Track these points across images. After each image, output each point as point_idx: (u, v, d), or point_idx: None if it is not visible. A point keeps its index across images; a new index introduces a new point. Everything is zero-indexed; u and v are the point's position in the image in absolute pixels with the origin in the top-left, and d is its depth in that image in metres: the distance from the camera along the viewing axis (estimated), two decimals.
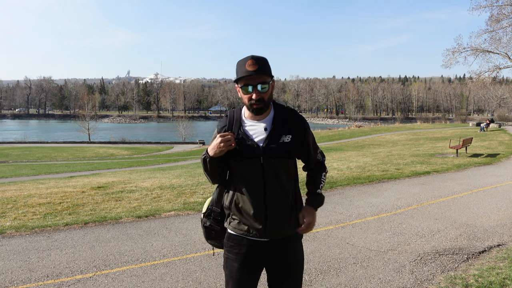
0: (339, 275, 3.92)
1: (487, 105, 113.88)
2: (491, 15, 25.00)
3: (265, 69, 1.83)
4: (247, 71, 1.80)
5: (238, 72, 1.85)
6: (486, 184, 9.13)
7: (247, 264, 1.95)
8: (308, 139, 1.99)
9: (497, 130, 36.07)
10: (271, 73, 1.88)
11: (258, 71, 1.80)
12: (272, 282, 2.05)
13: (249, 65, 1.80)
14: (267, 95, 1.86)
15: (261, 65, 1.82)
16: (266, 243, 1.95)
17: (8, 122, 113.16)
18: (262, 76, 1.82)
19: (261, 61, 1.83)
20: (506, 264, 4.16)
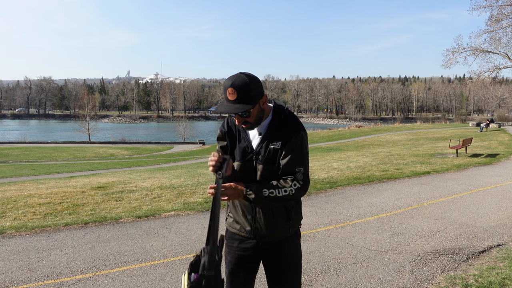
0: (339, 275, 3.92)
1: (487, 105, 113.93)
2: (491, 15, 25.03)
3: (245, 97, 1.75)
4: (227, 99, 1.77)
5: (223, 95, 1.83)
6: (486, 184, 9.13)
7: (241, 258, 2.00)
8: (290, 146, 1.86)
9: (497, 130, 36.08)
10: (254, 99, 1.78)
11: (237, 101, 1.75)
12: (270, 282, 2.07)
13: (229, 94, 1.76)
14: (252, 118, 1.84)
15: (241, 94, 1.75)
16: (258, 243, 1.98)
17: (8, 122, 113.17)
18: (241, 105, 1.75)
19: (241, 89, 1.75)
20: (506, 264, 4.16)
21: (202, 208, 6.68)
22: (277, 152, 1.87)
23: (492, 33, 25.68)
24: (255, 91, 1.78)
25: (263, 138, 1.90)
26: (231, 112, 1.77)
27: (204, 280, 1.44)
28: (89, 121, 53.43)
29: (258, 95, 1.81)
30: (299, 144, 1.87)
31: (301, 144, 1.87)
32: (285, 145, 1.85)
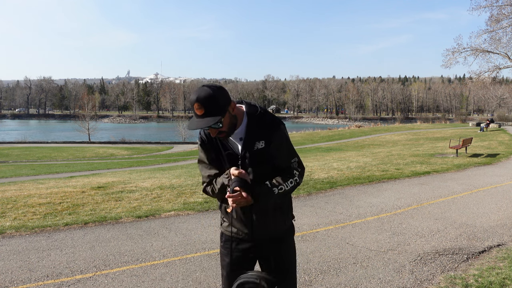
0: (339, 275, 3.92)
1: (487, 105, 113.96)
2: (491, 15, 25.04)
3: (213, 109, 1.75)
4: (196, 115, 1.79)
5: (191, 111, 1.84)
6: (486, 184, 9.13)
7: (239, 258, 2.03)
8: (277, 143, 1.92)
9: (497, 130, 36.08)
10: (222, 108, 1.78)
11: (205, 114, 1.75)
12: None
13: (196, 109, 1.76)
14: (226, 126, 1.83)
15: (208, 108, 1.75)
16: (254, 244, 2.01)
17: (8, 122, 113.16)
18: (211, 118, 1.75)
19: (207, 102, 1.75)
20: (506, 264, 4.16)
21: (202, 208, 6.68)
22: (263, 151, 1.90)
23: (492, 33, 25.69)
24: (222, 101, 1.77)
25: (245, 142, 1.90)
26: (202, 127, 1.76)
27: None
28: (89, 121, 53.44)
29: (226, 103, 1.80)
30: (284, 138, 1.95)
31: (286, 137, 1.97)
32: (270, 143, 1.90)
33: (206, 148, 1.97)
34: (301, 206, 6.89)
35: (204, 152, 1.98)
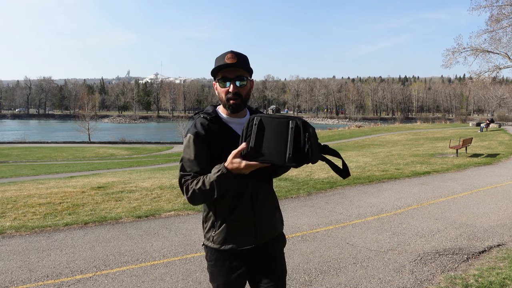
0: (339, 275, 3.91)
1: (487, 105, 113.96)
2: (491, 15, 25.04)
3: (244, 63, 1.79)
4: (225, 63, 1.76)
5: (216, 65, 1.79)
6: (486, 184, 9.13)
7: (235, 275, 1.87)
8: None
9: (497, 130, 36.08)
10: (250, 70, 1.83)
11: (236, 64, 1.75)
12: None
13: (228, 58, 1.75)
14: (245, 91, 1.81)
15: (240, 60, 1.78)
16: (253, 249, 1.87)
17: (8, 122, 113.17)
18: (240, 70, 1.77)
19: (240, 56, 1.80)
20: (506, 264, 4.16)
21: (202, 208, 6.67)
22: None
23: (492, 33, 25.70)
24: (250, 66, 1.84)
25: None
26: (232, 72, 1.76)
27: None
28: (89, 121, 53.45)
29: (251, 72, 1.86)
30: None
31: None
32: None
33: (201, 142, 1.75)
34: (301, 206, 6.89)
35: (195, 149, 1.75)
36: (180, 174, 1.78)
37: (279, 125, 1.57)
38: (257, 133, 1.56)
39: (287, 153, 1.52)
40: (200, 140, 1.76)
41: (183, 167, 1.78)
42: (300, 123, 1.57)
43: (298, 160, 1.54)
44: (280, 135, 1.55)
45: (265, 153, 1.55)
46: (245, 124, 1.60)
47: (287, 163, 1.52)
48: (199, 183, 1.69)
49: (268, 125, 1.58)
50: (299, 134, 1.54)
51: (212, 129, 1.78)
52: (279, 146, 1.54)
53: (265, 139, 1.56)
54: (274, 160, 1.54)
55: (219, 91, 1.81)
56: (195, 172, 1.74)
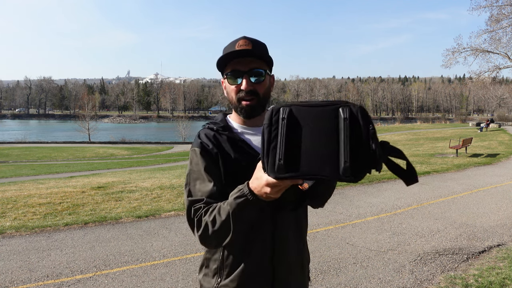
0: (339, 275, 3.92)
1: (487, 105, 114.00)
2: (491, 15, 25.02)
3: (262, 52, 1.33)
4: (236, 51, 1.30)
5: (224, 54, 1.33)
6: (486, 184, 9.13)
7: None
8: None
9: (497, 130, 36.09)
10: (270, 60, 1.35)
11: (251, 53, 1.29)
12: None
13: (240, 45, 1.30)
14: (263, 88, 1.33)
15: (257, 47, 1.32)
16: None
17: (8, 122, 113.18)
18: (257, 60, 1.31)
19: (257, 42, 1.34)
20: (506, 264, 4.16)
21: None
22: None
23: (492, 33, 25.68)
24: (270, 58, 1.35)
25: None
26: (246, 63, 1.29)
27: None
28: (89, 121, 53.44)
29: (271, 63, 1.37)
30: None
31: None
32: None
33: (210, 157, 1.30)
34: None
35: (205, 163, 1.29)
36: (188, 202, 1.25)
37: (322, 117, 0.96)
38: (287, 133, 0.95)
39: (342, 160, 0.91)
40: (208, 153, 1.30)
41: (190, 192, 1.27)
42: (357, 110, 0.95)
43: (360, 169, 0.92)
44: (325, 132, 0.95)
45: (303, 163, 0.94)
46: (266, 119, 0.98)
47: (342, 175, 0.91)
48: (213, 212, 1.16)
49: (305, 118, 0.97)
50: (358, 128, 0.93)
51: (220, 143, 1.32)
52: (326, 149, 0.94)
53: (302, 141, 0.96)
54: (319, 174, 0.93)
55: (228, 90, 1.35)
56: (209, 197, 1.23)
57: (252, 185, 1.06)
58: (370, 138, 0.93)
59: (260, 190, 1.03)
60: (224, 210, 1.13)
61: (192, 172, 1.30)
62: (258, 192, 1.04)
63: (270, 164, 0.94)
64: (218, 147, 1.32)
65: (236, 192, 1.10)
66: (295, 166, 0.92)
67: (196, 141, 1.36)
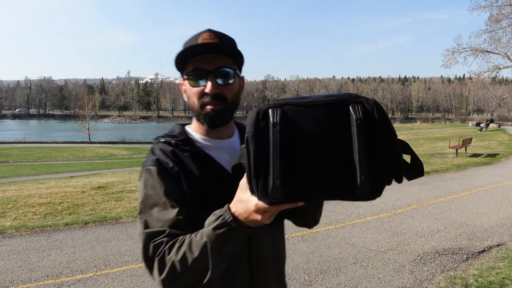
0: (339, 275, 3.92)
1: (487, 105, 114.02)
2: (490, 16, 25.02)
3: (230, 48, 1.08)
4: (199, 45, 1.05)
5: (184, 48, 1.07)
6: (486, 184, 9.14)
7: None
8: None
9: (497, 130, 36.11)
10: (240, 59, 1.11)
11: (217, 48, 1.05)
12: None
13: (205, 39, 1.07)
14: (232, 92, 1.08)
15: (224, 41, 1.09)
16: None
17: (8, 122, 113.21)
18: (224, 58, 1.06)
19: (224, 36, 1.11)
20: (505, 264, 4.17)
21: None
22: None
23: (491, 33, 25.67)
24: (240, 53, 1.10)
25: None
26: (210, 60, 1.05)
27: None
28: (89, 121, 53.44)
29: (241, 62, 1.13)
30: None
31: None
32: None
33: (170, 177, 1.03)
34: None
35: (164, 184, 1.01)
36: (144, 236, 0.96)
37: (327, 118, 0.72)
38: (281, 144, 0.70)
39: (357, 174, 0.69)
40: (168, 173, 1.04)
41: (147, 223, 0.98)
42: (372, 107, 0.72)
43: (380, 183, 0.71)
44: (333, 139, 0.71)
45: (306, 181, 0.71)
46: (251, 126, 0.72)
47: (359, 194, 0.69)
48: (182, 248, 0.88)
49: (304, 120, 0.71)
50: (375, 130, 0.71)
51: (181, 160, 1.07)
52: (335, 162, 0.70)
53: (303, 152, 0.71)
54: (327, 194, 0.72)
55: (188, 93, 1.10)
56: (172, 227, 0.95)
57: (235, 210, 0.82)
58: (391, 143, 0.73)
59: (248, 217, 0.79)
60: (197, 244, 0.86)
61: (148, 197, 1.02)
62: (245, 219, 0.80)
63: (261, 187, 0.70)
64: (179, 165, 1.06)
65: (215, 220, 0.84)
66: (296, 185, 0.69)
67: (150, 158, 1.08)
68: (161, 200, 1.00)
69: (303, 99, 0.73)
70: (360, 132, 0.69)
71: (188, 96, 1.12)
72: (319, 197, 0.73)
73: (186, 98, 1.13)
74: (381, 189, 0.71)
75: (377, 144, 0.71)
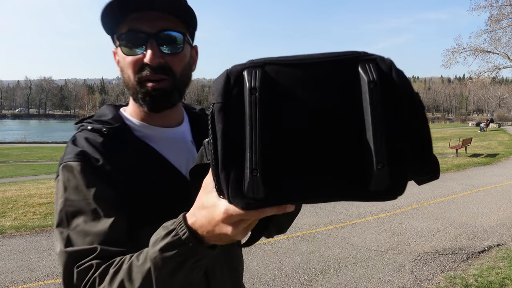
0: (339, 275, 3.92)
1: (487, 105, 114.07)
2: (490, 16, 25.03)
3: (179, 3, 0.80)
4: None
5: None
6: (486, 184, 9.14)
7: None
8: None
9: (497, 130, 36.14)
10: (192, 19, 0.85)
11: (162, 2, 0.78)
12: None
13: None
14: (180, 63, 0.83)
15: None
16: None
17: (8, 122, 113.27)
18: (170, 17, 0.80)
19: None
20: (505, 263, 4.17)
21: None
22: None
23: (491, 33, 25.68)
24: (192, 12, 0.83)
25: (201, 145, 0.69)
26: (151, 20, 0.79)
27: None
28: None
29: (194, 26, 0.88)
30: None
31: None
32: None
33: (98, 175, 0.77)
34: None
35: (90, 185, 0.75)
36: (65, 257, 0.73)
37: (326, 83, 0.48)
38: (262, 118, 0.46)
39: (374, 161, 0.45)
40: (97, 171, 0.78)
41: (70, 239, 0.72)
42: (389, 66, 0.49)
43: (404, 176, 0.49)
44: (335, 112, 0.48)
45: (297, 173, 0.47)
46: (219, 94, 0.48)
47: (374, 190, 0.47)
48: (118, 275, 0.65)
49: (293, 86, 0.48)
50: (395, 99, 0.48)
51: (115, 154, 0.81)
52: (338, 145, 0.47)
53: (292, 131, 0.47)
54: (328, 193, 0.49)
55: (122, 64, 0.84)
56: (105, 243, 0.70)
57: (194, 220, 0.57)
58: (419, 117, 0.50)
59: (213, 230, 0.54)
60: (139, 271, 0.61)
61: (70, 204, 0.74)
62: (209, 233, 0.56)
63: (234, 182, 0.47)
64: (112, 161, 0.79)
65: (164, 237, 0.59)
66: (284, 178, 0.47)
67: (72, 151, 0.80)
68: (89, 206, 0.73)
69: (292, 58, 0.49)
70: (375, 100, 0.46)
71: (121, 68, 0.84)
72: (317, 196, 0.49)
73: (119, 71, 0.86)
74: (405, 183, 0.48)
75: (400, 118, 0.48)
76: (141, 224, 0.76)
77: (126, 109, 0.92)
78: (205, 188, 0.56)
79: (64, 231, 0.73)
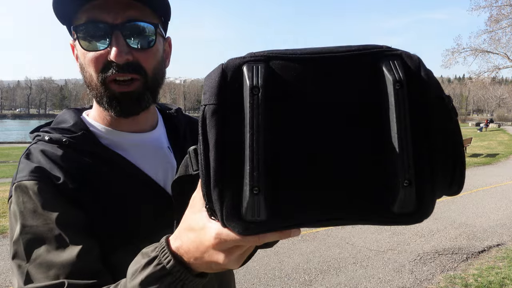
0: (339, 275, 3.93)
1: (487, 105, 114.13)
2: (490, 16, 25.06)
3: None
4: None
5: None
6: (486, 184, 9.14)
7: None
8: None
9: (497, 130, 36.17)
10: (164, 7, 0.74)
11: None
12: None
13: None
14: (152, 60, 0.72)
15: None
16: None
17: (8, 122, 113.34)
18: (138, 4, 0.69)
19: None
20: (505, 263, 4.18)
21: None
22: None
23: (491, 33, 25.71)
24: (164, 2, 0.73)
25: (179, 150, 0.79)
26: (116, 5, 0.67)
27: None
28: None
29: (167, 14, 0.77)
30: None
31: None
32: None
33: (60, 194, 0.66)
34: None
35: (54, 207, 0.64)
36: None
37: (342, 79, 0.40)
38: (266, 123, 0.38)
39: (400, 176, 0.38)
40: (59, 190, 0.66)
41: (29, 274, 0.66)
42: (417, 65, 0.42)
43: (433, 195, 0.41)
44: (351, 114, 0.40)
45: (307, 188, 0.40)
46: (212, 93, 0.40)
47: (397, 213, 0.40)
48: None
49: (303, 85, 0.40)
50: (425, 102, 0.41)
51: (79, 169, 0.69)
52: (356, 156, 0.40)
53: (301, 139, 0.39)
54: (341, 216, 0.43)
55: (83, 61, 0.72)
56: (72, 276, 0.60)
57: (179, 245, 0.49)
58: (453, 126, 0.43)
59: (202, 257, 0.46)
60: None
61: (27, 231, 0.63)
62: (197, 260, 0.47)
63: (229, 201, 0.40)
64: (76, 177, 0.67)
65: (144, 266, 0.50)
66: (292, 198, 0.40)
67: (25, 167, 0.67)
68: (52, 233, 0.61)
69: (301, 51, 0.41)
70: (402, 104, 0.38)
71: (81, 66, 0.72)
72: (330, 219, 0.44)
73: (79, 69, 0.73)
74: (433, 204, 0.41)
75: (431, 126, 0.40)
76: (114, 248, 0.65)
77: (90, 113, 0.78)
78: (193, 206, 0.47)
79: (23, 264, 0.64)
